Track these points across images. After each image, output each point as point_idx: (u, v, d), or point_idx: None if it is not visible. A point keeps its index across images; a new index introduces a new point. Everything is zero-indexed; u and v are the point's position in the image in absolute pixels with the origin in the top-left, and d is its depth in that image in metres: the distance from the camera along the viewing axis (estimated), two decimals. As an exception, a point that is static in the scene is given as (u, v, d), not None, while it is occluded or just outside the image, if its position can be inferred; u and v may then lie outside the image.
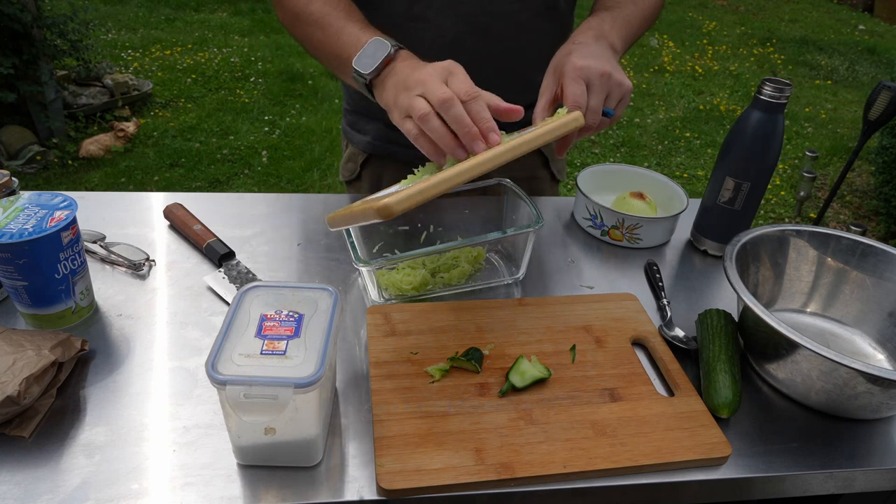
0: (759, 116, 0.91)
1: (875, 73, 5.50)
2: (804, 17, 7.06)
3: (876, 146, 3.43)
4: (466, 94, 0.74)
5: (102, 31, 4.17)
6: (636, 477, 0.66)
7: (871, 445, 0.72)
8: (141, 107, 4.06)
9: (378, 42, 0.84)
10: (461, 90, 0.75)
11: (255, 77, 4.62)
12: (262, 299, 0.66)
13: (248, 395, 0.56)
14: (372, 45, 0.85)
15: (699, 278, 0.99)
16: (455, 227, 0.97)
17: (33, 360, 0.66)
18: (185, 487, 0.61)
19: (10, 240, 0.69)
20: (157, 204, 1.04)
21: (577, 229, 1.08)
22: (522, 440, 0.67)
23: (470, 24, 0.98)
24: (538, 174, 1.23)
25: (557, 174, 1.25)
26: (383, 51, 0.84)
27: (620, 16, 0.97)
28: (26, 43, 3.19)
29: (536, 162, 1.21)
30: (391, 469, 0.63)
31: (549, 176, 1.24)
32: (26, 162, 3.31)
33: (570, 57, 0.84)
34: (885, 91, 2.13)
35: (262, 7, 6.20)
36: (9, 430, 0.64)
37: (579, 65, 0.82)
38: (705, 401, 0.73)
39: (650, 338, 0.82)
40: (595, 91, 0.82)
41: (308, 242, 0.99)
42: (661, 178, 1.12)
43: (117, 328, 0.80)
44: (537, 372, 0.74)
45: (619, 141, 4.10)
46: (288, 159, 3.60)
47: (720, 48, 5.88)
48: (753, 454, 0.69)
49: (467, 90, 0.74)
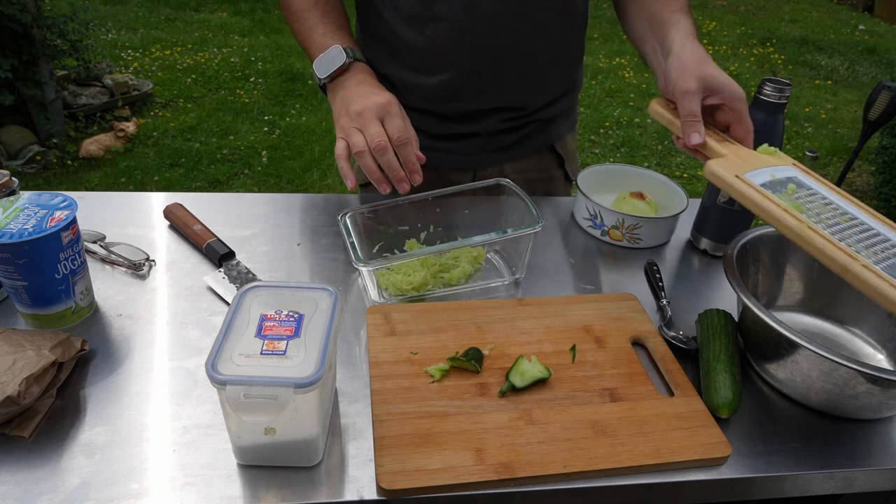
0: (759, 116, 0.91)
1: (875, 73, 5.50)
2: (804, 17, 7.06)
3: (876, 146, 3.43)
4: (398, 139, 0.86)
5: (102, 31, 4.16)
6: (636, 477, 0.66)
7: (871, 445, 0.72)
8: (141, 107, 4.06)
9: (338, 50, 0.94)
10: (394, 134, 0.86)
11: (255, 77, 4.62)
12: (262, 299, 0.66)
13: (248, 395, 0.56)
14: (332, 50, 0.94)
15: (699, 278, 0.99)
16: (455, 227, 0.97)
17: (33, 360, 0.66)
18: (185, 487, 0.61)
19: (10, 240, 0.69)
20: (157, 204, 1.04)
21: (577, 229, 1.08)
22: (522, 440, 0.67)
23: (490, 24, 0.99)
24: (554, 174, 1.24)
25: (572, 175, 1.26)
26: (340, 60, 0.94)
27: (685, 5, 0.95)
28: (26, 43, 3.19)
29: (553, 163, 1.23)
30: (391, 469, 0.63)
31: (563, 176, 1.25)
32: (26, 162, 3.31)
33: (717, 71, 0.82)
34: (885, 91, 2.13)
35: (262, 7, 6.20)
36: (9, 430, 0.64)
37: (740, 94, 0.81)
38: (705, 401, 0.73)
39: (650, 338, 0.82)
40: None
41: (308, 242, 0.99)
42: (661, 178, 1.12)
43: (117, 328, 0.80)
44: (537, 372, 0.74)
45: (619, 141, 4.10)
46: (288, 159, 3.60)
47: (720, 48, 5.88)
48: (753, 454, 0.69)
49: (399, 136, 0.86)
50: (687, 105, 0.81)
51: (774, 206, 0.72)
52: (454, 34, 1.00)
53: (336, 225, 1.02)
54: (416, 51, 1.03)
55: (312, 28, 0.99)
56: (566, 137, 1.22)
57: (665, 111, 0.87)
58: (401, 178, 0.87)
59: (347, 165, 0.88)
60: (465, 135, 1.12)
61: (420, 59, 1.04)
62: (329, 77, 0.95)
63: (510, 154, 1.16)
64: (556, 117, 1.17)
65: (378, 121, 0.87)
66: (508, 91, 1.07)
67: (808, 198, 0.75)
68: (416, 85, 1.06)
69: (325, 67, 0.95)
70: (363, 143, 0.86)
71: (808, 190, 0.77)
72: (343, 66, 0.94)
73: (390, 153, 0.86)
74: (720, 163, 0.78)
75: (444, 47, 1.02)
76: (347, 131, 0.88)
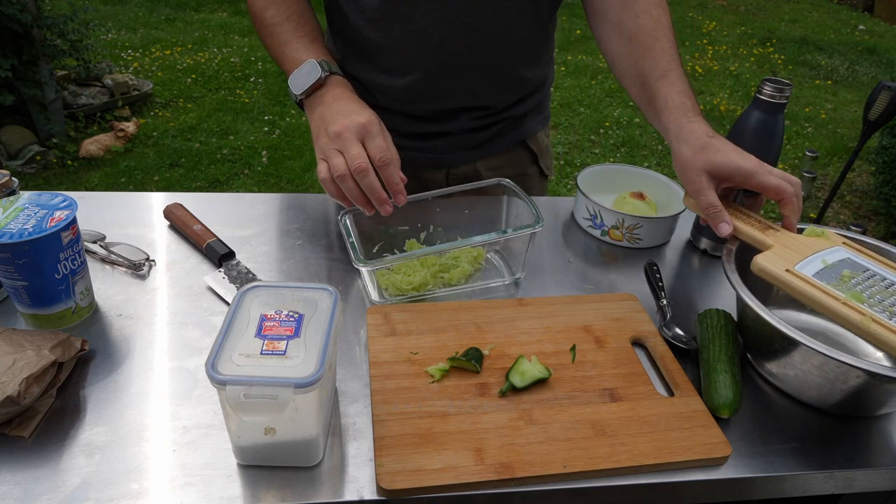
0: (759, 116, 0.91)
1: (875, 73, 5.50)
2: (804, 17, 7.06)
3: (876, 146, 3.43)
4: (381, 160, 0.83)
5: (102, 32, 4.16)
6: (636, 477, 0.66)
7: (871, 445, 0.72)
8: (141, 107, 4.06)
9: (312, 64, 0.92)
10: (376, 155, 0.83)
11: (255, 77, 4.62)
12: (262, 299, 0.66)
13: (248, 395, 0.56)
14: (307, 65, 0.92)
15: (699, 278, 0.99)
16: (455, 227, 0.97)
17: (33, 360, 0.66)
18: (185, 487, 0.61)
19: (10, 240, 0.69)
20: (157, 204, 1.04)
21: (577, 229, 1.08)
22: (522, 440, 0.67)
23: (456, 26, 0.98)
24: (528, 170, 1.23)
25: (546, 170, 1.26)
26: (315, 74, 0.91)
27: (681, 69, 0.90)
28: (26, 43, 3.19)
29: (526, 159, 1.22)
30: (391, 469, 0.63)
31: (538, 172, 1.25)
32: (26, 162, 3.31)
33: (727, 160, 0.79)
34: (885, 91, 2.13)
35: (262, 7, 6.19)
36: (9, 430, 0.64)
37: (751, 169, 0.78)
38: (706, 401, 0.73)
39: (650, 338, 0.82)
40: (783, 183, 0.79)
41: (308, 242, 0.99)
42: (661, 178, 1.12)
43: (117, 328, 0.80)
44: (537, 372, 0.74)
45: (619, 141, 4.10)
46: (288, 159, 3.60)
47: (720, 48, 5.88)
48: (753, 454, 0.69)
49: (382, 156, 0.83)
50: (703, 200, 0.80)
51: (833, 300, 0.69)
52: (418, 35, 0.99)
53: (336, 225, 1.02)
54: (382, 52, 1.02)
55: (286, 43, 0.97)
56: (538, 133, 1.21)
57: None
58: (383, 200, 0.84)
59: (336, 188, 0.85)
60: (437, 134, 1.12)
61: (386, 60, 1.03)
62: (304, 93, 0.92)
63: (482, 152, 1.16)
64: (527, 114, 1.17)
65: (358, 141, 0.84)
66: (477, 90, 1.06)
67: (866, 282, 0.73)
68: (384, 86, 1.05)
69: (300, 84, 0.92)
70: (344, 166, 0.83)
71: (865, 272, 0.74)
72: (319, 81, 0.91)
73: (371, 175, 0.83)
74: (768, 257, 0.76)
75: (408, 48, 1.00)
76: (327, 153, 0.85)
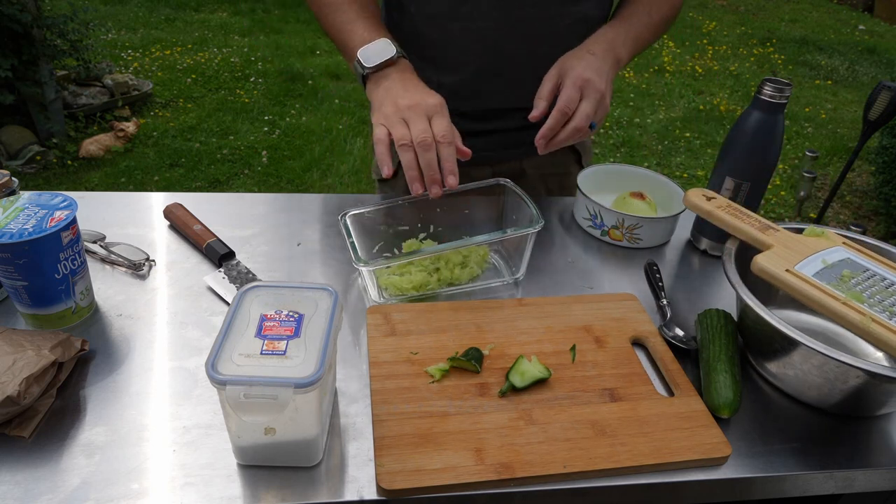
0: (759, 116, 0.91)
1: (875, 73, 5.50)
2: (804, 17, 7.06)
3: (876, 146, 3.43)
4: (443, 137, 0.86)
5: (102, 31, 4.17)
6: (636, 477, 0.66)
7: (871, 445, 0.72)
8: (141, 107, 4.06)
9: (386, 42, 0.94)
10: (439, 133, 0.86)
11: (255, 77, 4.62)
12: (262, 299, 0.66)
13: (248, 395, 0.56)
14: (380, 43, 0.95)
15: (699, 278, 0.99)
16: (455, 227, 0.97)
17: (33, 360, 0.66)
18: (185, 487, 0.61)
19: (10, 240, 0.69)
20: (157, 204, 1.04)
21: (577, 229, 1.08)
22: (522, 440, 0.67)
23: (513, 28, 1.01)
24: (571, 169, 1.25)
25: None
26: (389, 52, 0.94)
27: (633, 30, 1.03)
28: (26, 43, 3.19)
29: (570, 158, 1.24)
30: (391, 469, 0.63)
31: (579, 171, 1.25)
32: (26, 162, 3.31)
33: (578, 65, 0.93)
34: (885, 91, 2.12)
35: (262, 7, 6.20)
36: (9, 430, 0.64)
37: (584, 76, 0.92)
38: (706, 401, 0.73)
39: (650, 338, 0.82)
40: (587, 100, 0.92)
41: (308, 242, 0.99)
42: (661, 178, 1.12)
43: (117, 328, 0.80)
44: (537, 372, 0.74)
45: (619, 141, 4.10)
46: (288, 159, 3.60)
47: (720, 48, 5.88)
48: (753, 454, 0.69)
49: (444, 134, 0.86)
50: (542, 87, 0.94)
51: (833, 300, 0.69)
52: (475, 35, 1.01)
53: (336, 225, 1.02)
54: (437, 48, 1.05)
55: (352, 21, 0.99)
56: None
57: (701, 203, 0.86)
58: (435, 181, 0.86)
59: (387, 151, 0.87)
60: (485, 132, 1.14)
61: (440, 57, 1.06)
62: (375, 67, 0.94)
63: (528, 150, 1.17)
64: None
65: (426, 118, 0.87)
66: (528, 91, 1.07)
67: (866, 282, 0.73)
68: (436, 82, 1.06)
69: (372, 59, 0.94)
70: (408, 136, 0.85)
71: (864, 272, 0.74)
72: (391, 60, 0.93)
73: (433, 151, 0.85)
74: (768, 257, 0.76)
75: (463, 47, 1.03)
76: (392, 121, 0.87)
